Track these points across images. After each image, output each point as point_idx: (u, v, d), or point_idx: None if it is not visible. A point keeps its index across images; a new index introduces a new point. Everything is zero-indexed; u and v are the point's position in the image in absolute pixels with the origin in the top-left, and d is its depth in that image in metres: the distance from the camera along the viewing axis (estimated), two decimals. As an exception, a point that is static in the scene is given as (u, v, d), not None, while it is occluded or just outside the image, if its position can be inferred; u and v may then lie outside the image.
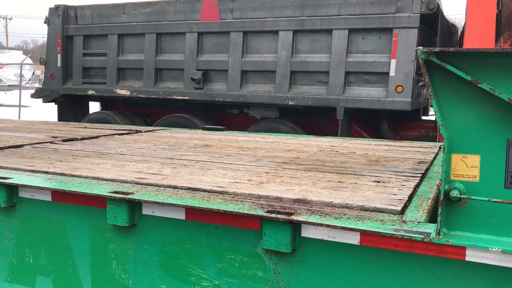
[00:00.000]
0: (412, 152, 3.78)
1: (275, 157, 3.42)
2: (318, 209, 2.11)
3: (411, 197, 2.31)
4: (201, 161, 3.21)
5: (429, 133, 7.34)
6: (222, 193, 2.36)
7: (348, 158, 3.45)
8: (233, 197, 2.29)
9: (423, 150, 3.88)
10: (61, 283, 2.62)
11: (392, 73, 6.41)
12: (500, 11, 5.81)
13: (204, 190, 2.40)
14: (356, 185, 2.52)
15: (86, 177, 2.69)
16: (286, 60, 7.02)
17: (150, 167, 2.96)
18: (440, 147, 4.05)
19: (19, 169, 2.89)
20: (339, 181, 2.61)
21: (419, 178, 2.72)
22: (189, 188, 2.44)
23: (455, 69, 1.66)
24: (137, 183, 2.55)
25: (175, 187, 2.47)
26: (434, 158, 3.51)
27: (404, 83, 6.36)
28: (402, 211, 2.06)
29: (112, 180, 2.61)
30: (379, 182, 2.60)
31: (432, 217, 2.06)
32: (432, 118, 8.23)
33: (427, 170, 3.02)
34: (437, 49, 1.66)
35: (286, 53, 7.00)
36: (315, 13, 6.81)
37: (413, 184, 2.56)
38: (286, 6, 6.97)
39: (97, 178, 2.65)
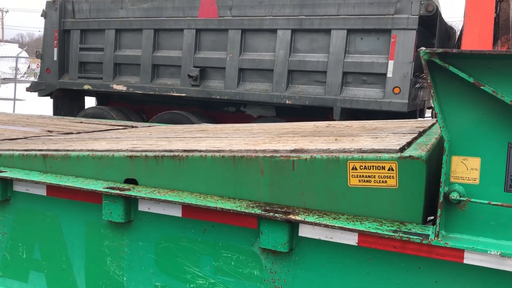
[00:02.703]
0: (409, 124, 3.76)
1: (272, 132, 3.40)
2: (316, 154, 2.05)
3: (409, 144, 2.27)
4: (196, 137, 3.17)
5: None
6: (218, 151, 2.31)
7: (345, 129, 3.41)
8: (230, 154, 2.23)
9: (419, 123, 3.88)
10: (55, 279, 2.60)
11: (389, 74, 6.41)
12: (498, 15, 5.82)
13: (200, 151, 2.36)
14: (354, 140, 2.48)
15: (80, 151, 2.65)
16: (284, 59, 7.00)
17: (145, 143, 2.94)
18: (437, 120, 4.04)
19: (13, 150, 2.86)
20: (335, 139, 2.58)
21: (417, 134, 2.67)
22: (184, 151, 2.39)
23: (458, 70, 1.65)
24: (132, 150, 2.52)
25: (170, 151, 2.43)
26: (431, 126, 3.48)
27: (401, 85, 6.36)
28: (401, 150, 2.01)
29: (106, 151, 2.58)
30: (377, 137, 2.57)
31: (431, 157, 1.99)
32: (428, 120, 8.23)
33: (424, 131, 2.98)
34: (440, 50, 1.65)
35: (284, 52, 6.98)
36: (314, 12, 6.79)
37: (411, 137, 2.51)
38: (285, 5, 6.95)
39: (91, 150, 2.62)
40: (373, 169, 1.93)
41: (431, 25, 6.64)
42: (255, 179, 2.16)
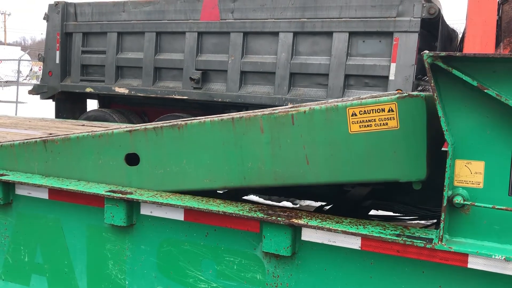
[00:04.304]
0: None
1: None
2: (314, 106, 2.02)
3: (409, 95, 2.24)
4: None
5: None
6: (217, 117, 2.30)
7: None
8: (228, 117, 2.22)
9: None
10: (57, 282, 2.59)
11: (391, 77, 6.39)
12: (500, 17, 5.81)
13: (199, 119, 2.34)
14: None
15: (80, 133, 2.65)
16: (285, 61, 6.99)
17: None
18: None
19: (14, 140, 2.86)
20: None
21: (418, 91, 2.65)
22: (183, 120, 2.39)
23: (461, 74, 1.64)
24: (132, 127, 2.51)
25: (169, 122, 2.40)
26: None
27: (403, 87, 6.34)
28: (401, 94, 1.99)
29: (106, 129, 2.58)
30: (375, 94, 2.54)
31: (430, 99, 1.94)
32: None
33: (425, 90, 2.96)
34: (443, 53, 1.64)
35: (286, 55, 6.98)
36: (316, 15, 6.79)
37: (410, 91, 2.48)
38: (286, 8, 6.95)
39: (91, 131, 2.61)
40: (373, 112, 1.92)
41: (433, 28, 6.63)
42: (255, 138, 2.14)
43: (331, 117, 1.98)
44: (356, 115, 1.95)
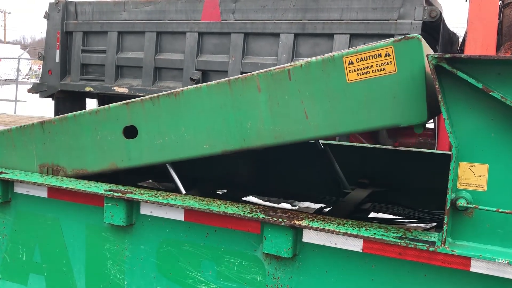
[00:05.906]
0: None
1: None
2: (311, 59, 1.99)
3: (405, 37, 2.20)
4: None
5: (427, 140, 7.32)
6: (215, 81, 2.28)
7: None
8: (225, 80, 2.20)
9: None
10: (55, 282, 2.57)
11: (392, 80, 6.39)
12: (501, 21, 5.82)
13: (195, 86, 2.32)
14: None
15: (78, 111, 2.63)
16: (286, 63, 6.98)
17: None
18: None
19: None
20: None
21: None
22: (181, 88, 2.38)
23: (466, 76, 1.63)
24: (129, 100, 2.49)
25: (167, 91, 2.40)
26: None
27: (404, 90, 6.34)
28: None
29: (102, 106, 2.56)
30: None
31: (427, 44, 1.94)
32: (431, 126, 8.21)
33: None
34: (448, 55, 1.63)
35: (287, 56, 6.97)
36: (317, 17, 6.78)
37: None
38: (288, 9, 6.95)
39: (89, 111, 2.60)
40: (369, 59, 1.90)
41: (434, 31, 6.63)
42: (253, 98, 2.12)
43: (328, 69, 1.97)
44: (353, 63, 1.93)
